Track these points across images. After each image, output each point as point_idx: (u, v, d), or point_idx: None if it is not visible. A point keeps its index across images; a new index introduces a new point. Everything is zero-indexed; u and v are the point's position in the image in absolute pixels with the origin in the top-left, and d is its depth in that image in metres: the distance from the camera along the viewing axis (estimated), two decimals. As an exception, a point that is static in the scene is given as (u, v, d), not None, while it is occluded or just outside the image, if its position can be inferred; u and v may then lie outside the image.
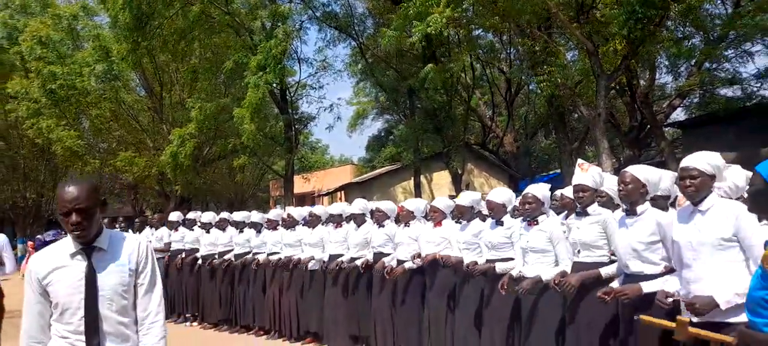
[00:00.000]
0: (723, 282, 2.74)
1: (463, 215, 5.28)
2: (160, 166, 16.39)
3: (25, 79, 18.87)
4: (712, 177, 2.92)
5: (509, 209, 4.89)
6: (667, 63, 15.51)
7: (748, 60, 14.84)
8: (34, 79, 18.15)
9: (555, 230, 4.23)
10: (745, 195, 3.07)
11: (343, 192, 22.65)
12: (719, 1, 15.02)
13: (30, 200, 23.37)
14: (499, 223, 4.74)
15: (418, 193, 17.81)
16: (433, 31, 9.47)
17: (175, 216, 8.97)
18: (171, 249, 8.64)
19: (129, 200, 27.28)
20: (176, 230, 8.75)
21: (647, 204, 3.44)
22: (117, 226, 9.86)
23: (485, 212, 5.18)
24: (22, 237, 23.26)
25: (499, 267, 4.52)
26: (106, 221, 9.90)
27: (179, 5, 16.11)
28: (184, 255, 8.37)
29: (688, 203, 3.05)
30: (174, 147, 14.86)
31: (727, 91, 14.54)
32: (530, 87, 21.01)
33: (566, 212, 4.64)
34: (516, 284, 4.18)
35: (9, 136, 21.76)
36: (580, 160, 4.22)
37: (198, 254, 8.21)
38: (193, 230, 8.59)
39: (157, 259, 7.36)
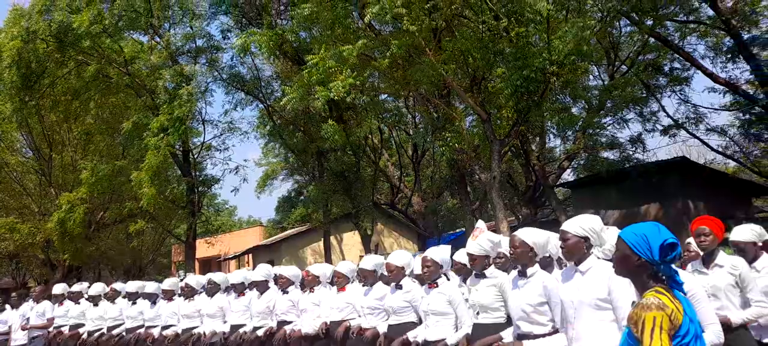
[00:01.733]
0: (600, 341, 2.89)
1: (366, 279, 5.32)
2: (47, 234, 15.10)
3: None
4: (586, 239, 3.08)
5: (408, 272, 4.98)
6: (555, 128, 16.91)
7: (624, 126, 16.61)
8: None
9: (454, 293, 4.31)
10: None
11: (250, 255, 21.97)
12: (596, 74, 16.83)
13: None
14: (398, 286, 4.83)
15: (328, 254, 17.69)
16: (335, 96, 9.74)
17: (59, 289, 8.25)
18: (54, 325, 7.89)
19: (9, 270, 24.64)
20: (61, 303, 8.03)
21: (536, 266, 3.60)
22: (-5, 302, 8.89)
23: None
24: None
25: (411, 336, 4.46)
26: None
27: (73, 65, 15.43)
28: (67, 330, 7.66)
29: (571, 263, 3.22)
30: (62, 213, 13.80)
31: (608, 154, 16.02)
32: (434, 149, 21.95)
33: (463, 276, 4.80)
34: None
35: None
36: (478, 225, 4.41)
37: (83, 329, 7.54)
38: (79, 303, 7.92)
39: (37, 336, 6.74)
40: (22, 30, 14.42)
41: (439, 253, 4.54)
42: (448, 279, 4.69)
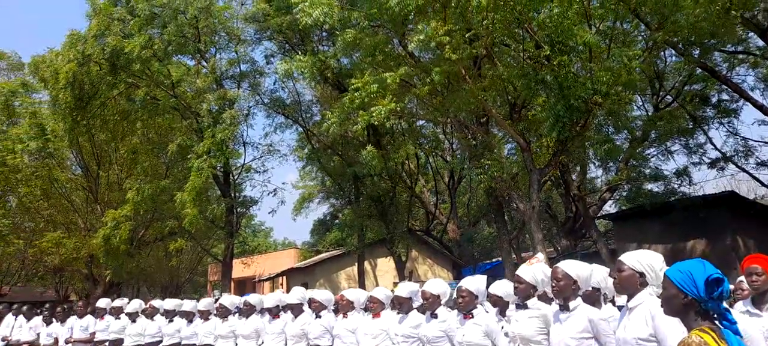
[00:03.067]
0: None
1: (401, 306, 5.26)
2: (91, 249, 15.59)
3: (-50, 154, 17.89)
4: (642, 275, 2.93)
5: (444, 301, 4.90)
6: (596, 159, 16.57)
7: (669, 158, 16.14)
8: (-39, 154, 17.25)
9: (490, 324, 4.21)
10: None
11: (284, 277, 22.11)
12: (640, 103, 16.46)
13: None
14: (434, 315, 4.75)
15: (361, 279, 17.65)
16: (376, 122, 9.80)
17: (103, 303, 8.49)
18: (95, 339, 8.09)
19: (53, 283, 25.49)
20: (102, 318, 8.24)
21: (579, 300, 3.47)
22: (40, 313, 9.19)
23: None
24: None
25: None
26: (25, 307, 9.25)
27: (123, 87, 16.06)
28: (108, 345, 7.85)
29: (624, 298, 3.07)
30: (108, 229, 14.24)
31: (652, 186, 15.55)
32: (471, 177, 21.78)
33: (498, 308, 4.67)
34: None
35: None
36: (538, 255, 4.28)
37: (123, 345, 7.71)
38: (119, 318, 8.11)
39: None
40: (78, 53, 15.12)
41: (475, 283, 4.47)
42: (486, 311, 4.58)
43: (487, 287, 4.61)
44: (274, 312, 6.57)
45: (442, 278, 15.49)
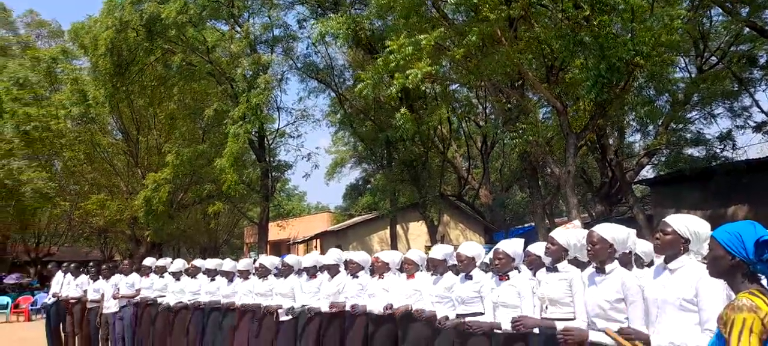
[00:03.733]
0: (681, 343, 2.76)
1: (436, 268, 5.33)
2: (133, 211, 16.17)
3: (-1, 120, 18.66)
4: (687, 241, 2.93)
5: (478, 263, 4.96)
6: (635, 122, 16.12)
7: (712, 122, 15.59)
8: (8, 119, 17.95)
9: (524, 286, 4.28)
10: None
11: (318, 240, 22.53)
12: (683, 65, 15.87)
13: (-5, 243, 22.69)
14: (468, 277, 4.82)
15: (394, 243, 17.84)
16: (410, 85, 9.74)
17: (148, 262, 8.84)
18: (140, 295, 8.47)
19: (98, 244, 26.63)
20: (147, 275, 8.60)
21: (615, 263, 3.47)
22: (86, 272, 9.64)
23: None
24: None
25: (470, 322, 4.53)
26: (73, 265, 9.70)
27: (160, 53, 16.32)
28: (151, 302, 8.21)
29: (660, 260, 3.08)
30: (148, 192, 14.72)
31: (693, 151, 15.11)
32: (505, 141, 21.52)
33: (533, 269, 4.71)
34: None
35: (-24, 176, 21.26)
36: (575, 222, 4.30)
37: (166, 301, 8.05)
38: (163, 276, 8.45)
39: (126, 305, 7.27)
40: (116, 20, 15.39)
41: (512, 246, 4.50)
42: (519, 272, 4.61)
43: (524, 249, 4.64)
44: (311, 272, 6.74)
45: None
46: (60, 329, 9.73)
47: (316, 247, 22.04)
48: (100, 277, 9.28)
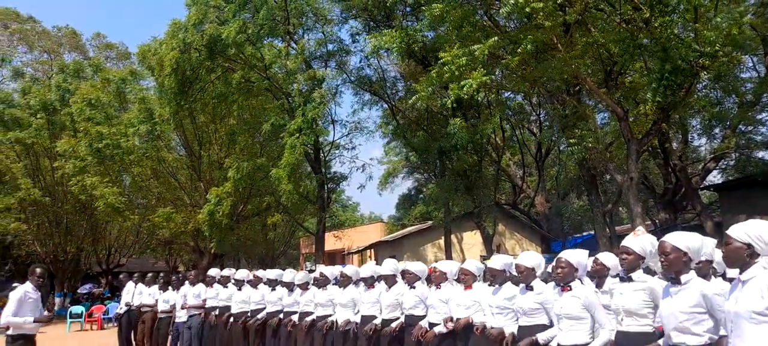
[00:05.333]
0: None
1: (494, 278, 5.29)
2: (197, 223, 16.83)
3: (73, 139, 19.88)
4: (749, 246, 2.80)
5: (538, 273, 4.89)
6: (700, 126, 15.44)
7: (784, 123, 14.73)
8: (82, 138, 19.10)
9: (589, 296, 4.13)
10: None
11: (372, 250, 22.69)
12: (751, 65, 15.08)
13: (70, 254, 24.07)
14: (529, 288, 4.76)
15: (448, 253, 17.74)
16: (465, 96, 9.74)
17: (213, 272, 9.21)
18: (206, 305, 8.82)
19: (163, 255, 27.85)
20: (211, 286, 8.95)
21: (692, 273, 3.33)
22: (157, 282, 10.12)
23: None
24: (61, 291, 23.82)
25: (542, 338, 4.43)
26: (147, 276, 10.16)
27: (220, 71, 16.99)
28: (217, 312, 8.54)
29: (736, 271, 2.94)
30: (211, 205, 15.30)
31: (764, 154, 14.34)
32: (560, 148, 21.08)
33: (597, 279, 4.61)
34: None
35: (54, 192, 22.73)
36: (639, 229, 4.20)
37: (231, 311, 8.35)
38: (227, 286, 8.77)
39: (194, 314, 7.58)
40: (180, 41, 16.15)
41: (576, 255, 4.36)
42: (582, 283, 4.52)
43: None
44: (369, 282, 6.83)
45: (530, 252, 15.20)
46: (132, 337, 10.24)
47: (370, 257, 22.20)
48: (169, 287, 9.73)
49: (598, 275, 4.67)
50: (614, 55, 9.98)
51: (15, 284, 19.17)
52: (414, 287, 6.21)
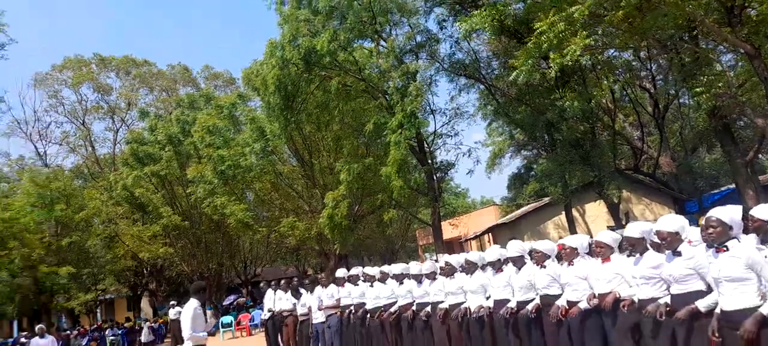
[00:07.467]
0: None
1: (633, 247, 5.03)
2: (319, 228, 17.65)
3: (199, 165, 21.71)
4: None
5: (683, 236, 4.57)
6: None
7: None
8: (206, 163, 20.80)
9: (753, 255, 3.75)
10: None
11: (490, 234, 22.38)
12: None
13: (212, 270, 26.37)
14: (676, 253, 4.46)
15: (571, 227, 17.05)
16: (569, 62, 9.30)
17: (341, 273, 9.65)
18: (341, 304, 9.24)
19: (293, 261, 29.59)
20: (343, 286, 9.37)
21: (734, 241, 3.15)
22: (290, 288, 10.76)
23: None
24: (210, 305, 26.15)
25: (703, 306, 4.12)
26: (281, 282, 10.83)
27: (318, 81, 17.65)
28: (352, 310, 8.91)
29: None
30: (330, 209, 15.98)
31: None
32: (681, 101, 19.44)
33: (761, 236, 4.19)
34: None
35: (191, 215, 24.99)
36: None
37: (365, 307, 8.68)
38: (357, 285, 9.13)
39: (331, 314, 8.00)
40: (278, 59, 17.02)
41: (728, 212, 3.98)
42: (739, 242, 4.13)
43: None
44: (497, 266, 6.79)
45: (662, 216, 14.19)
46: (278, 340, 10.99)
47: (489, 242, 21.92)
48: (303, 291, 10.32)
49: (756, 232, 4.27)
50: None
51: (172, 302, 21.41)
52: (544, 266, 6.08)
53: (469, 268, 7.15)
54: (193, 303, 6.53)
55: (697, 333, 4.04)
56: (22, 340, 16.19)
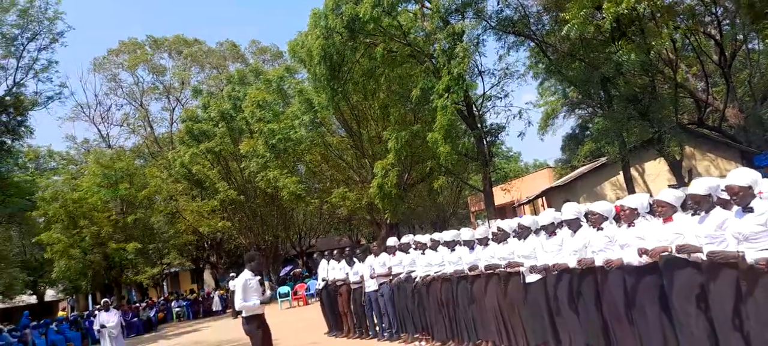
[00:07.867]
0: None
1: (699, 205, 4.71)
2: (369, 198, 17.73)
3: (251, 140, 22.16)
4: None
5: (756, 191, 4.24)
6: None
7: None
8: (258, 138, 21.20)
9: None
10: None
11: (544, 198, 21.88)
12: None
13: (268, 242, 27.15)
14: (747, 209, 4.14)
15: (629, 187, 16.41)
16: (624, 10, 8.76)
17: (392, 241, 9.64)
18: (392, 272, 9.26)
19: (345, 231, 30.06)
20: (394, 254, 9.37)
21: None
22: (343, 257, 10.86)
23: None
24: (267, 276, 26.99)
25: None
26: (334, 252, 10.97)
27: (363, 48, 17.46)
28: (404, 277, 8.91)
29: None
30: (379, 179, 15.98)
31: None
32: (749, 46, 18.10)
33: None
34: None
35: (246, 190, 25.68)
36: None
37: (417, 275, 8.65)
38: (408, 252, 9.10)
39: (383, 283, 8.02)
40: (322, 29, 16.94)
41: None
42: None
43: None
44: (550, 230, 6.57)
45: (728, 171, 13.40)
46: (334, 309, 11.18)
47: (543, 206, 21.45)
48: (355, 260, 10.41)
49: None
50: None
51: (232, 274, 22.27)
52: (601, 229, 5.81)
53: (522, 232, 6.95)
54: (245, 274, 6.67)
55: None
56: (96, 313, 17.37)
